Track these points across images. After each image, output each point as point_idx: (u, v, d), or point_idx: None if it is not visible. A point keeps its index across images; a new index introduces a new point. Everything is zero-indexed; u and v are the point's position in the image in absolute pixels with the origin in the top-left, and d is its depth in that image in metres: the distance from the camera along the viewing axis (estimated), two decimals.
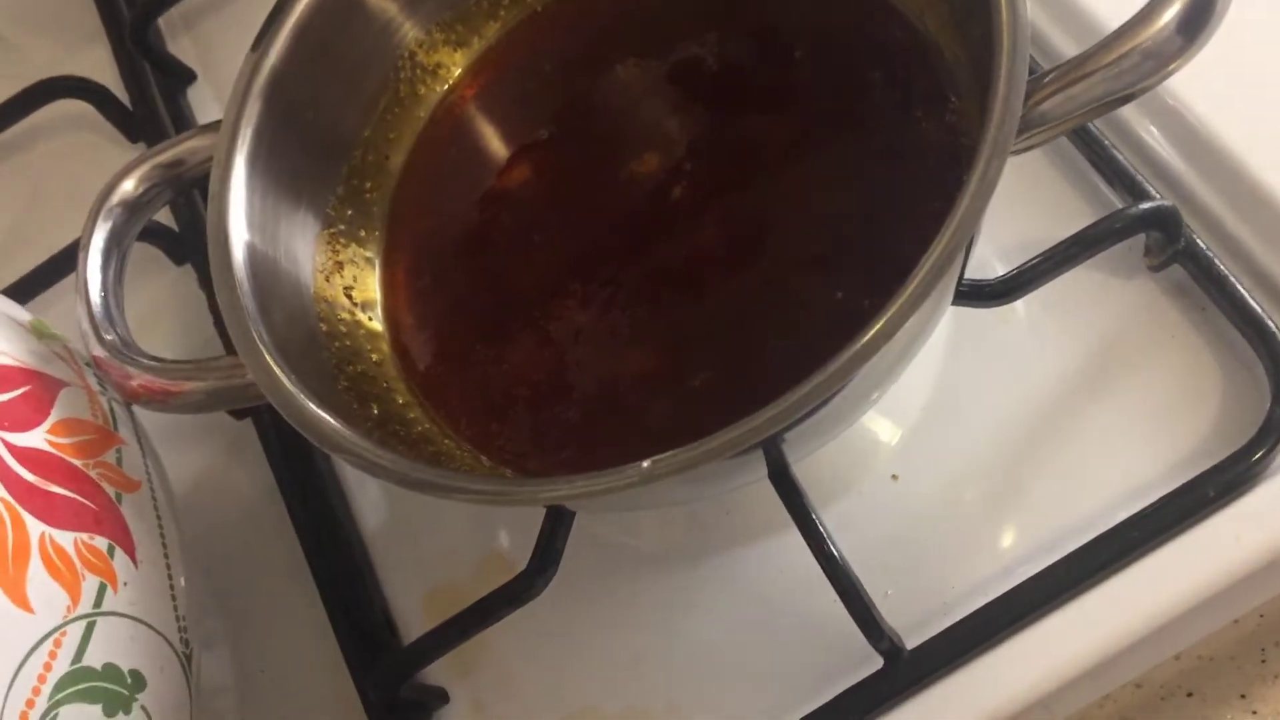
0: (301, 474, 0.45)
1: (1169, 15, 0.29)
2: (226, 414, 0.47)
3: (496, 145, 0.42)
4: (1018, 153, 0.29)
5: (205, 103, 0.55)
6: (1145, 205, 0.36)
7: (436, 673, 0.41)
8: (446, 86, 0.43)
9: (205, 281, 0.50)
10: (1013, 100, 0.28)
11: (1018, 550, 0.38)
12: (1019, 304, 0.40)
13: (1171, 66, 0.30)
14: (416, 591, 0.43)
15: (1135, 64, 0.29)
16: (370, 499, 0.45)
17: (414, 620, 0.43)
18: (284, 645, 0.45)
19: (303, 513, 0.44)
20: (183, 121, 0.54)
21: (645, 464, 0.28)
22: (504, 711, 0.41)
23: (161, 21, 0.57)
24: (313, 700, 0.43)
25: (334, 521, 0.44)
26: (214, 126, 0.37)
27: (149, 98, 0.54)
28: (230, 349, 0.42)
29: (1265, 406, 0.35)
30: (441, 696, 0.41)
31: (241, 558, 0.46)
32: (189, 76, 0.56)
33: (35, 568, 0.32)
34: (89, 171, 0.55)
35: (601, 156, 0.41)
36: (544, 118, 0.42)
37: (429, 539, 0.44)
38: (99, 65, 0.58)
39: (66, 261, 0.48)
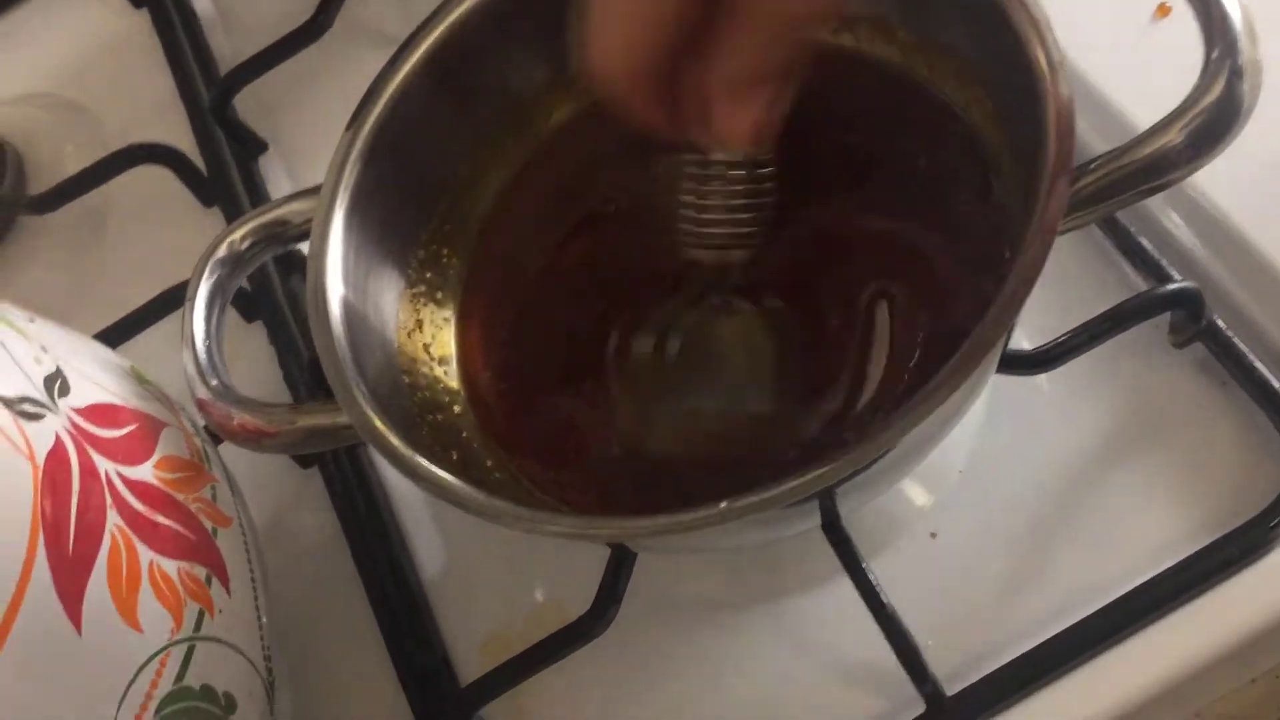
0: (366, 523, 0.47)
1: (1208, 100, 0.32)
2: (294, 463, 0.50)
3: (565, 213, 0.45)
4: (1063, 232, 0.32)
5: (275, 172, 0.59)
6: (1172, 286, 0.40)
7: (491, 714, 0.43)
8: (521, 162, 0.46)
9: (275, 338, 0.53)
10: (1061, 184, 0.31)
11: (1050, 606, 0.40)
12: (1050, 378, 0.43)
13: (1214, 151, 0.33)
14: (474, 637, 0.45)
15: (1178, 148, 0.32)
16: (430, 549, 0.48)
17: (471, 664, 0.45)
18: (341, 687, 0.46)
19: (367, 559, 0.47)
20: (255, 190, 0.57)
21: (723, 504, 0.31)
22: None
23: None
24: None
25: (397, 569, 0.46)
26: (312, 191, 0.40)
27: (224, 166, 0.58)
28: (298, 400, 0.45)
29: None
30: None
31: (302, 603, 0.48)
32: (262, 147, 0.59)
33: (145, 592, 0.34)
34: (163, 234, 0.58)
35: (664, 229, 0.44)
36: (612, 191, 0.45)
37: (485, 588, 0.46)
38: (169, 135, 0.61)
39: (150, 314, 0.51)
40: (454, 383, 0.43)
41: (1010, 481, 0.42)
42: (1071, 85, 0.42)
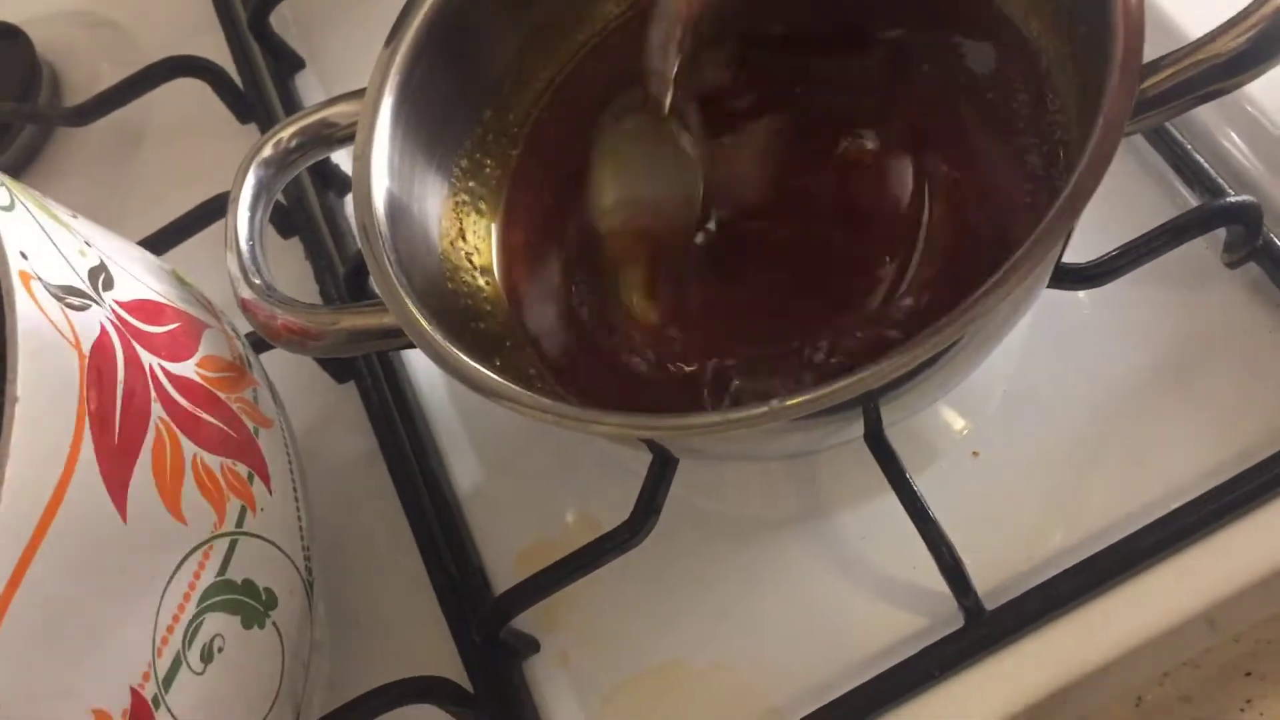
0: (403, 436, 0.47)
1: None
2: (331, 379, 0.50)
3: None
4: (1129, 133, 0.32)
5: (312, 89, 0.58)
6: (1231, 199, 0.39)
7: (527, 624, 0.43)
8: (565, 72, 0.45)
9: (311, 253, 0.52)
10: (1129, 80, 0.30)
11: (1090, 526, 0.40)
12: (1096, 299, 0.42)
13: None
14: (509, 550, 0.45)
15: (1246, 49, 0.31)
16: (465, 463, 0.47)
17: (507, 576, 0.45)
18: (378, 599, 0.46)
19: (403, 473, 0.47)
20: (292, 106, 0.56)
21: (774, 402, 0.31)
22: (590, 662, 0.43)
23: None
24: (405, 650, 0.45)
25: (433, 482, 0.46)
26: (357, 94, 0.40)
27: (260, 82, 0.57)
28: None
29: None
30: (533, 645, 0.43)
31: (338, 515, 0.48)
32: (298, 64, 0.58)
33: (189, 485, 0.34)
34: (200, 148, 0.58)
35: (713, 133, 0.43)
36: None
37: (520, 502, 0.46)
38: (204, 51, 0.60)
39: (188, 224, 0.51)
40: (495, 293, 0.42)
41: (1054, 403, 0.42)
42: None
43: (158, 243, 0.49)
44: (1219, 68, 0.31)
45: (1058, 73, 0.38)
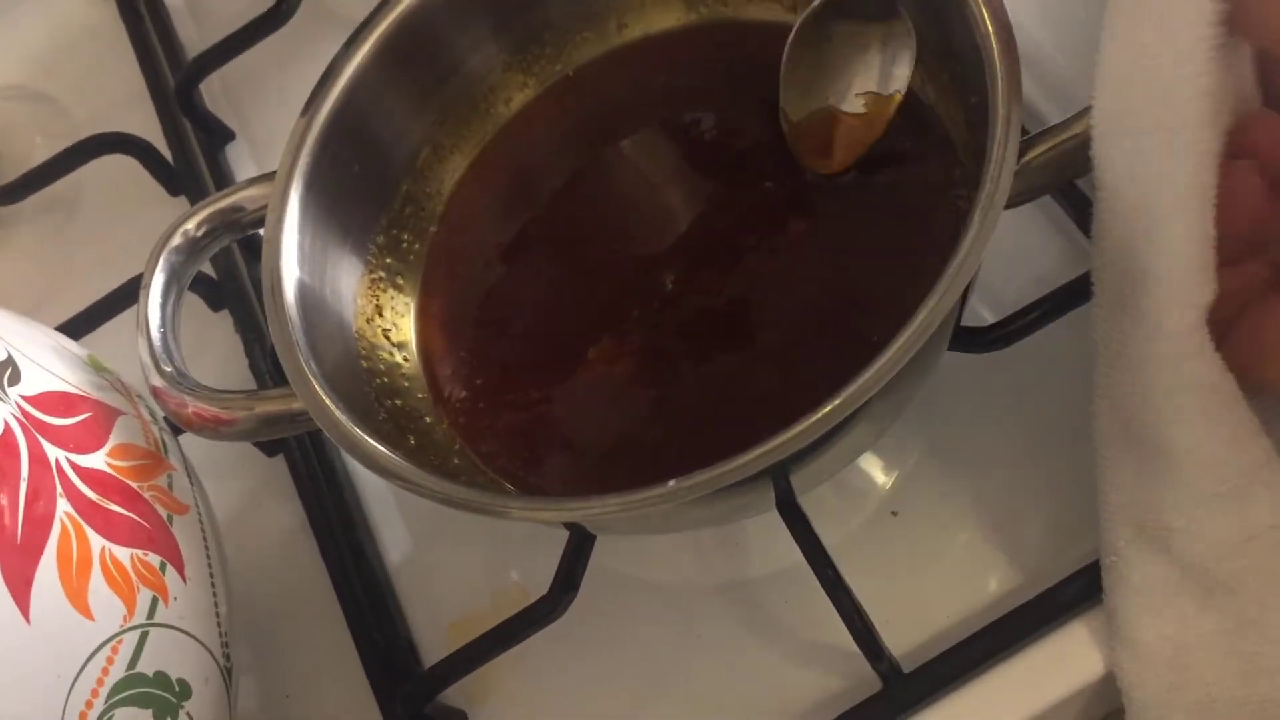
0: (331, 510, 0.47)
1: None
2: (260, 452, 0.50)
3: (526, 197, 0.45)
4: (1012, 206, 0.32)
5: (243, 160, 0.58)
6: None
7: (456, 697, 0.43)
8: (481, 145, 0.46)
9: (241, 326, 0.53)
10: (1008, 155, 0.31)
11: (1010, 583, 0.40)
12: (1011, 356, 0.43)
13: None
14: (439, 622, 0.45)
15: None
16: (395, 535, 0.48)
17: (437, 648, 0.45)
18: (309, 672, 0.46)
19: (332, 546, 0.46)
20: (222, 178, 0.57)
21: (672, 483, 0.31)
22: None
23: (201, 85, 0.60)
24: None
25: (361, 555, 0.46)
26: (268, 177, 0.40)
27: (190, 155, 0.57)
28: (266, 387, 0.45)
29: None
30: (461, 718, 0.43)
31: (268, 589, 0.48)
32: (228, 136, 0.59)
33: (96, 579, 0.34)
34: (131, 223, 0.58)
35: (625, 213, 0.44)
36: (568, 179, 0.45)
37: (450, 573, 0.46)
38: (138, 124, 0.61)
39: (112, 304, 0.51)
40: (413, 368, 0.43)
41: (972, 460, 0.42)
42: (1020, 53, 0.42)
43: (79, 325, 0.49)
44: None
45: (958, 140, 0.38)
